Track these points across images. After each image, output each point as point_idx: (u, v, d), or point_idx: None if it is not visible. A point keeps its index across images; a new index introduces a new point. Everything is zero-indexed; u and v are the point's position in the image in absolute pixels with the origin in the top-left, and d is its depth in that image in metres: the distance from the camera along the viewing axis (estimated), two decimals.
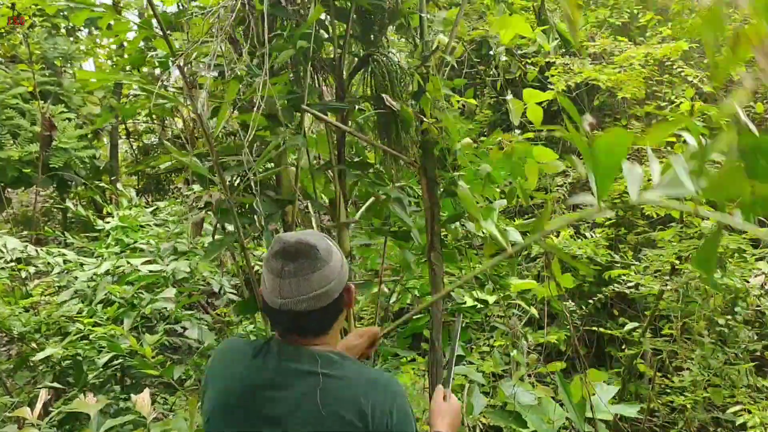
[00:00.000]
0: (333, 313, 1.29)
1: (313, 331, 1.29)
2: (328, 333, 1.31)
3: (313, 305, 1.25)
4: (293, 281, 1.24)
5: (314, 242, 1.26)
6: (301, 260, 1.24)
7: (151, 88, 1.94)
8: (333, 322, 1.31)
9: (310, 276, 1.24)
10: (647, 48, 4.29)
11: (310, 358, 1.26)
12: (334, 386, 1.22)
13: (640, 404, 3.15)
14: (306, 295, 1.24)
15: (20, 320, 3.33)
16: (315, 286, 1.24)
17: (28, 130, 5.22)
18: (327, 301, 1.26)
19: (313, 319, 1.26)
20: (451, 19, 2.43)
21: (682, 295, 3.24)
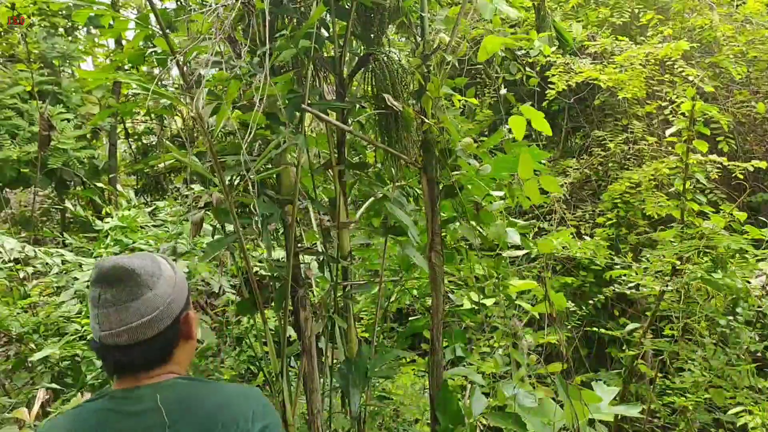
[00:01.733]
0: (165, 345, 1.15)
1: (141, 366, 1.13)
2: (166, 364, 1.16)
3: (136, 337, 1.10)
4: (111, 311, 1.10)
5: (134, 266, 1.13)
6: (118, 287, 1.11)
7: (148, 87, 1.92)
8: (167, 355, 1.16)
9: (129, 304, 1.11)
10: (648, 47, 4.28)
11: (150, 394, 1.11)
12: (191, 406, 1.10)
13: (641, 405, 3.13)
14: (126, 326, 1.10)
15: (18, 321, 3.31)
16: (135, 316, 1.10)
17: (26, 130, 5.21)
18: (153, 331, 1.12)
19: (137, 353, 1.11)
20: (452, 18, 2.41)
21: (683, 296, 3.23)
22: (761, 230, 3.12)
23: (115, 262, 1.13)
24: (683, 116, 3.34)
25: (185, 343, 1.20)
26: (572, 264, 4.44)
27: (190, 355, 1.25)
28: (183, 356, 1.20)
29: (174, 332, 1.16)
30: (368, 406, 2.70)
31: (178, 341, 1.18)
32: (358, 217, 2.55)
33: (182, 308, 1.18)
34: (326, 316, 2.45)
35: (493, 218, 2.54)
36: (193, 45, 2.02)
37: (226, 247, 2.39)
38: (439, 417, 2.46)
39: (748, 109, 4.81)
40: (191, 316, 1.21)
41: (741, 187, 4.49)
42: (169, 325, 1.15)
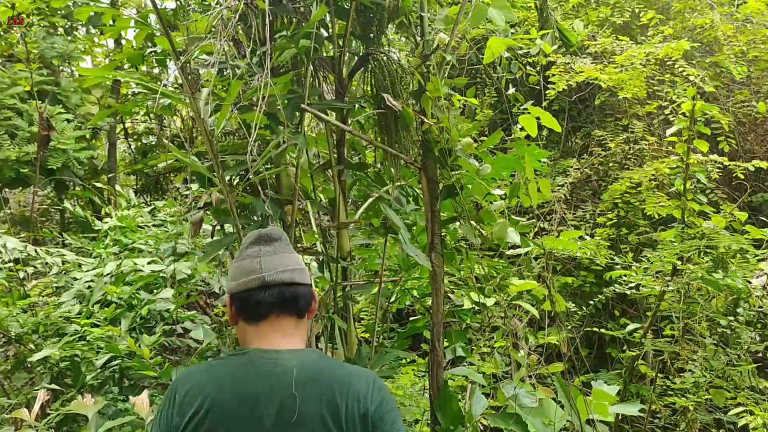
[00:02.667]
0: (308, 298, 1.31)
1: (296, 306, 1.28)
2: (301, 321, 1.31)
3: (293, 278, 1.28)
4: (274, 257, 1.29)
5: (283, 233, 1.37)
6: (276, 242, 1.32)
7: (150, 86, 1.92)
8: (306, 309, 1.31)
9: (285, 254, 1.31)
10: (648, 47, 4.27)
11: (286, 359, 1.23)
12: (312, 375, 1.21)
13: (641, 405, 3.13)
14: (288, 267, 1.29)
15: (18, 321, 3.31)
16: (293, 262, 1.30)
17: (26, 130, 5.20)
18: (304, 279, 1.30)
19: (294, 292, 1.27)
20: (452, 17, 2.41)
21: (683, 296, 3.22)
22: (762, 230, 3.11)
23: (269, 228, 1.39)
24: (684, 116, 3.33)
25: (309, 319, 1.35)
26: (573, 264, 4.43)
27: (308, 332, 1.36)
28: (306, 326, 1.34)
29: (311, 293, 1.33)
30: None
31: (312, 304, 1.33)
32: (357, 217, 2.54)
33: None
34: (326, 316, 2.44)
35: (493, 218, 2.54)
36: (197, 45, 2.01)
37: (225, 248, 2.38)
38: (440, 417, 2.45)
39: (748, 109, 4.81)
40: (316, 295, 1.36)
41: (742, 187, 4.48)
42: (310, 285, 1.33)
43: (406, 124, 2.31)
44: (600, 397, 2.64)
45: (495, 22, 2.26)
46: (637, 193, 4.39)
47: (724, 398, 3.08)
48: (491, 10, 2.24)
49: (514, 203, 2.60)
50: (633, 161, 4.83)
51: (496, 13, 2.27)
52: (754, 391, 3.05)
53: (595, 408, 2.60)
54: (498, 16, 2.26)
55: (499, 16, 2.26)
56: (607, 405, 2.61)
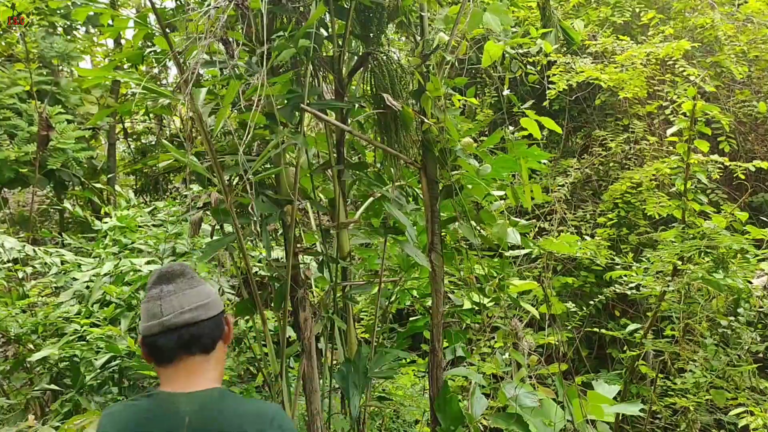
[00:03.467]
0: (217, 329, 1.34)
1: (199, 344, 1.30)
2: (210, 356, 1.33)
3: (198, 315, 1.30)
4: (174, 298, 1.30)
5: (185, 266, 1.36)
6: (178, 280, 1.32)
7: (149, 86, 1.91)
8: (215, 342, 1.33)
9: (188, 291, 1.32)
10: (649, 47, 4.27)
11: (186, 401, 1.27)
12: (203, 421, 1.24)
13: (641, 405, 3.12)
14: (188, 307, 1.30)
15: (17, 321, 3.30)
16: (195, 299, 1.31)
17: (25, 130, 5.19)
18: (210, 312, 1.32)
19: (197, 331, 1.29)
20: (452, 17, 2.40)
21: (684, 296, 3.21)
22: (762, 230, 3.11)
23: (169, 265, 1.37)
24: (684, 116, 3.33)
25: (223, 344, 1.38)
26: (573, 264, 4.43)
27: (223, 359, 1.40)
28: (222, 356, 1.38)
29: (219, 323, 1.35)
30: (368, 407, 2.69)
31: (222, 334, 1.36)
32: (357, 217, 2.54)
33: (223, 308, 1.38)
34: (326, 316, 2.43)
35: (493, 218, 2.53)
36: (191, 44, 2.00)
37: (225, 248, 2.37)
38: (440, 418, 2.45)
39: (749, 109, 4.80)
40: (230, 319, 1.40)
41: (742, 187, 4.48)
42: (217, 315, 1.35)
43: (405, 124, 2.30)
44: (596, 400, 2.63)
45: (490, 27, 2.26)
46: (638, 193, 4.38)
47: (724, 399, 3.08)
48: (487, 15, 2.24)
49: (514, 203, 2.60)
50: (633, 161, 4.82)
51: (492, 18, 2.27)
52: (755, 392, 3.04)
53: (591, 410, 2.60)
54: (494, 22, 2.26)
55: (495, 22, 2.26)
56: (602, 407, 2.61)
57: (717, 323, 3.21)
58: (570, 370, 3.39)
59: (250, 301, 2.35)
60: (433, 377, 2.49)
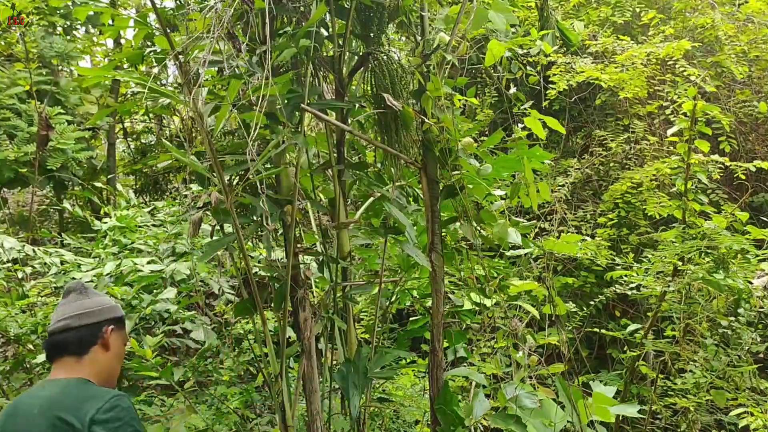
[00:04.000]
0: (87, 336, 1.58)
1: (68, 348, 1.56)
2: (83, 357, 1.57)
3: (69, 323, 1.56)
4: (59, 309, 1.60)
5: (80, 284, 1.66)
6: (70, 295, 1.63)
7: (153, 86, 1.90)
8: (87, 347, 1.57)
9: (72, 304, 1.60)
10: (649, 47, 4.26)
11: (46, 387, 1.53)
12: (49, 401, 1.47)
13: (641, 406, 3.12)
14: (63, 317, 1.58)
15: (16, 321, 3.29)
16: (72, 309, 1.58)
17: (25, 130, 5.18)
18: (82, 322, 1.57)
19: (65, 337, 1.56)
20: (452, 17, 2.40)
21: (684, 297, 3.21)
22: (763, 230, 3.10)
23: (69, 282, 1.72)
24: (685, 116, 3.32)
25: (103, 350, 1.61)
26: (573, 264, 4.42)
27: (110, 366, 1.63)
28: (101, 360, 1.60)
29: (93, 333, 1.59)
30: (368, 407, 2.68)
31: (96, 343, 1.59)
32: (357, 217, 2.53)
33: (108, 321, 1.63)
34: (326, 317, 2.43)
35: (494, 218, 2.53)
36: (191, 42, 2.00)
37: (225, 248, 2.37)
38: (440, 418, 2.44)
39: (749, 109, 4.80)
40: (116, 334, 1.64)
41: (743, 187, 4.47)
42: (92, 324, 1.59)
43: (406, 124, 2.30)
44: (600, 400, 2.62)
45: (495, 25, 2.26)
46: (638, 194, 4.38)
47: (724, 399, 3.07)
48: (491, 14, 2.24)
49: (515, 203, 2.59)
50: (634, 161, 4.82)
51: (497, 16, 2.26)
52: (755, 392, 3.04)
53: (597, 411, 2.59)
54: (498, 20, 2.26)
55: (499, 20, 2.26)
56: (607, 408, 2.60)
57: (717, 323, 3.20)
58: (571, 370, 3.38)
59: (250, 302, 2.34)
60: (433, 377, 2.49)
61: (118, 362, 1.70)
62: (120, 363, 1.72)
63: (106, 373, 1.62)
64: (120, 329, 1.68)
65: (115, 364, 1.68)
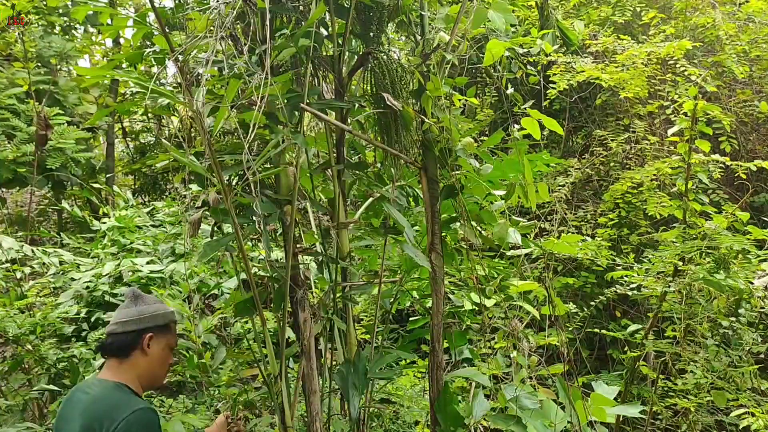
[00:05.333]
0: (128, 342, 1.81)
1: (111, 350, 1.81)
2: (126, 357, 1.81)
3: (115, 329, 1.82)
4: (115, 313, 1.87)
5: (136, 292, 1.90)
6: (127, 301, 1.89)
7: (147, 85, 1.89)
8: (128, 351, 1.81)
9: (123, 311, 1.87)
10: (650, 46, 4.25)
11: (91, 386, 1.76)
12: (90, 401, 1.69)
13: (641, 405, 3.11)
14: (115, 321, 1.84)
15: (15, 322, 3.28)
16: (122, 316, 1.85)
17: (24, 130, 5.17)
18: (125, 328, 1.82)
19: (111, 341, 1.82)
20: (452, 16, 2.39)
21: (685, 297, 3.20)
22: (764, 231, 3.09)
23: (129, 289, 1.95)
24: (685, 116, 3.31)
25: (143, 355, 1.83)
26: (573, 264, 4.41)
27: (150, 370, 1.85)
28: (142, 364, 1.83)
29: (134, 339, 1.82)
30: (368, 408, 2.67)
31: (136, 347, 1.83)
32: (357, 217, 2.52)
33: (148, 328, 1.85)
34: (325, 317, 2.42)
35: (494, 218, 2.52)
36: (192, 42, 1.99)
37: (224, 248, 2.36)
38: (440, 419, 2.43)
39: (750, 109, 4.79)
40: (157, 341, 1.86)
41: (744, 187, 4.47)
42: (132, 332, 1.83)
43: (406, 124, 2.29)
44: (599, 402, 2.62)
45: (495, 24, 2.24)
46: (639, 193, 4.37)
47: (725, 400, 3.06)
48: (491, 13, 2.23)
49: (515, 203, 2.58)
50: (634, 161, 4.81)
51: (497, 15, 2.25)
52: (756, 393, 3.03)
53: (594, 412, 2.58)
54: (498, 19, 2.25)
55: (499, 19, 2.25)
56: (606, 410, 2.59)
57: (718, 324, 3.19)
58: (571, 370, 3.37)
59: (249, 302, 2.34)
60: (433, 378, 2.48)
61: (161, 366, 1.89)
62: (163, 366, 1.90)
63: (147, 377, 1.84)
64: (161, 335, 1.88)
65: (157, 368, 1.87)
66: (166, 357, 1.91)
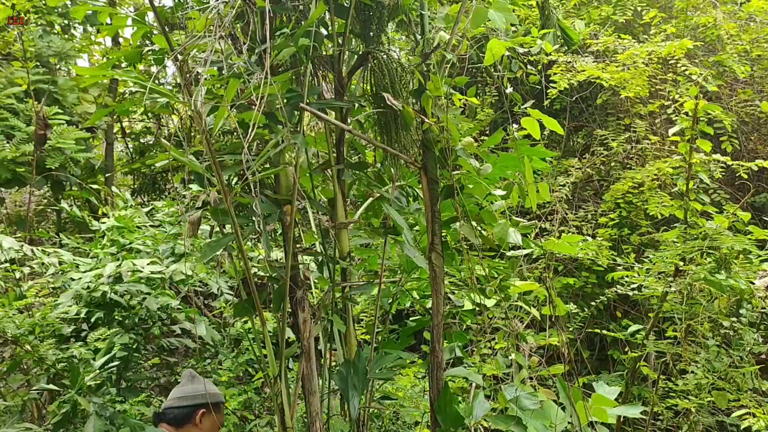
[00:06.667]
0: (182, 415, 2.21)
1: (167, 420, 2.22)
2: (180, 427, 2.21)
3: (171, 404, 2.23)
4: (173, 389, 2.29)
5: (193, 373, 2.33)
6: (184, 380, 2.30)
7: (146, 84, 1.88)
8: (182, 423, 2.21)
9: (180, 387, 2.28)
10: (651, 46, 4.25)
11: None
12: None
13: (643, 407, 3.10)
14: (172, 397, 2.26)
15: (14, 322, 3.27)
16: (178, 392, 2.25)
17: (23, 130, 5.16)
18: (181, 403, 2.23)
19: (168, 412, 2.22)
20: (452, 16, 2.38)
21: (686, 297, 3.19)
22: (765, 231, 3.08)
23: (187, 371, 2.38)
24: (686, 115, 3.30)
25: (194, 427, 2.23)
26: (574, 265, 4.40)
27: None
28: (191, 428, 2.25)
29: (188, 414, 2.23)
30: (368, 408, 2.67)
31: (190, 421, 2.23)
32: (357, 218, 2.51)
33: (201, 404, 2.24)
34: (325, 317, 2.41)
35: (494, 218, 2.51)
36: (191, 41, 1.98)
37: (224, 248, 2.35)
38: (439, 419, 2.43)
39: (751, 108, 4.78)
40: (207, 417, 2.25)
41: (745, 187, 4.46)
42: (187, 407, 2.23)
43: (406, 124, 2.28)
44: (600, 402, 2.61)
45: (495, 24, 2.24)
46: (640, 193, 4.36)
47: (726, 400, 3.05)
48: (491, 13, 2.22)
49: (515, 203, 2.57)
50: (635, 161, 4.80)
51: (497, 15, 2.24)
52: (757, 393, 3.02)
53: (595, 413, 2.57)
54: (498, 19, 2.24)
55: (499, 19, 2.24)
56: (606, 410, 2.58)
57: (719, 324, 3.18)
58: (572, 371, 3.36)
59: (249, 302, 2.33)
60: (433, 378, 2.47)
61: None
62: None
63: None
64: (212, 413, 2.22)
65: None
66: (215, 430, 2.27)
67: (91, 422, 2.72)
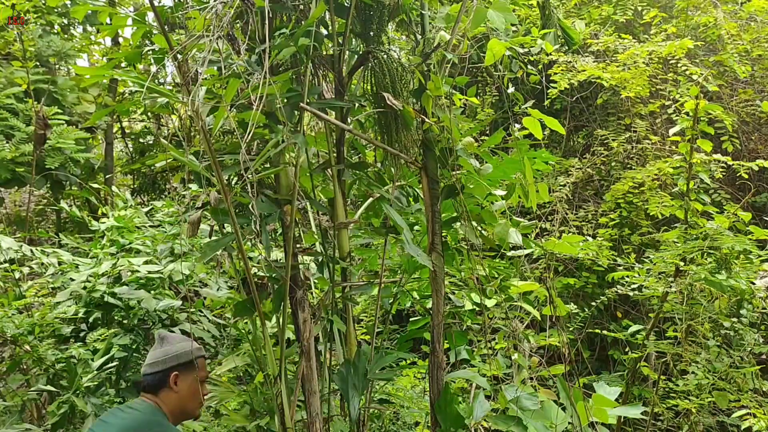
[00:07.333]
0: (156, 382, 2.03)
1: (143, 387, 2.06)
2: (157, 394, 2.03)
3: (144, 371, 2.07)
4: (147, 354, 2.13)
5: (165, 334, 2.13)
6: (155, 343, 2.12)
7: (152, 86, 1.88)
8: (158, 389, 2.03)
9: (151, 352, 2.10)
10: (651, 45, 4.24)
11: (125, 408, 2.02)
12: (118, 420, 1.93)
13: (643, 407, 3.09)
14: (145, 363, 2.08)
15: (13, 322, 3.26)
16: (150, 358, 2.08)
17: (23, 130, 5.15)
18: (153, 369, 2.05)
19: (143, 380, 2.07)
20: (453, 16, 2.37)
21: (686, 297, 3.19)
22: (766, 231, 3.08)
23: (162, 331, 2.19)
24: (687, 115, 3.30)
25: (172, 392, 2.04)
26: (574, 265, 4.40)
27: (180, 403, 2.05)
28: (172, 400, 2.04)
29: (162, 379, 2.04)
30: (368, 408, 2.66)
31: (164, 386, 2.04)
32: (357, 217, 2.51)
33: (172, 367, 2.05)
34: (325, 317, 2.41)
35: (494, 218, 2.51)
36: (191, 41, 1.97)
37: (223, 248, 2.34)
38: (440, 420, 2.42)
39: (752, 108, 4.77)
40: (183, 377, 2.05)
41: (745, 187, 4.45)
42: (159, 372, 2.04)
43: (406, 124, 2.27)
44: (600, 402, 2.61)
45: (494, 24, 2.23)
46: (640, 193, 4.35)
47: (727, 401, 3.05)
48: (491, 13, 2.21)
49: (515, 203, 2.57)
50: (636, 161, 4.79)
51: (496, 15, 2.24)
52: (758, 394, 3.02)
53: (596, 413, 2.57)
54: (498, 19, 2.23)
55: (498, 19, 2.23)
56: (607, 410, 2.58)
57: (720, 324, 3.18)
58: (572, 371, 3.36)
59: (249, 302, 2.32)
60: (433, 379, 2.47)
61: (191, 398, 2.06)
62: (194, 397, 2.07)
63: (178, 410, 2.04)
64: (187, 372, 2.05)
65: (187, 401, 2.06)
66: (195, 391, 2.07)
67: (89, 423, 2.71)
